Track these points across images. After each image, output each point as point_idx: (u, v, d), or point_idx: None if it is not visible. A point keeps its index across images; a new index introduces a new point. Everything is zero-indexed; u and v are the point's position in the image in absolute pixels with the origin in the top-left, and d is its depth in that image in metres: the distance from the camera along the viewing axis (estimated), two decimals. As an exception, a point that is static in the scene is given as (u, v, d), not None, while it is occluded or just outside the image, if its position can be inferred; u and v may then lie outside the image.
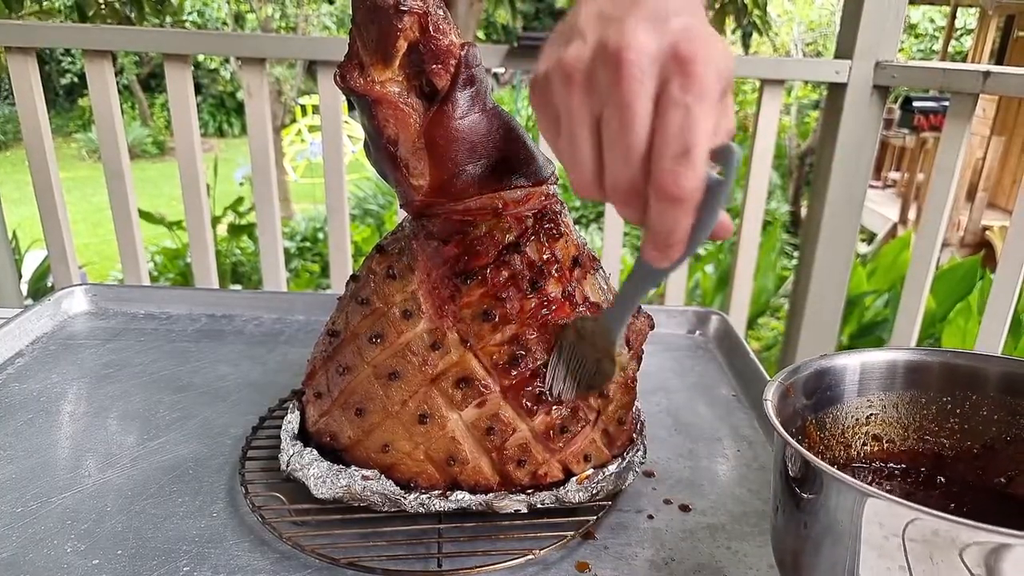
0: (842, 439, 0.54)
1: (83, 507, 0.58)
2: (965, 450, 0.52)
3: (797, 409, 0.50)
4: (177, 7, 3.38)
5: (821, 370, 0.52)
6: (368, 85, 0.54)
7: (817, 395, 0.52)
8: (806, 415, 0.51)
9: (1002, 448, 0.51)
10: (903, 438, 0.54)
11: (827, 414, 0.53)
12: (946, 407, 0.53)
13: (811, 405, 0.52)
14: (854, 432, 0.54)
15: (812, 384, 0.52)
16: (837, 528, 0.40)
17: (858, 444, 0.54)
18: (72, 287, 0.96)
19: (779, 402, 0.48)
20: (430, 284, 0.55)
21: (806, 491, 0.42)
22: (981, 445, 0.52)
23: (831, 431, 0.53)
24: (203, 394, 0.77)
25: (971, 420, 0.52)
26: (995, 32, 7.00)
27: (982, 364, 0.52)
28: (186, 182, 1.79)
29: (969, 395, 0.52)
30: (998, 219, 5.48)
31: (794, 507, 0.44)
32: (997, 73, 1.36)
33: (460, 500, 0.55)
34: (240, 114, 10.07)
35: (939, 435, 0.53)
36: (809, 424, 0.52)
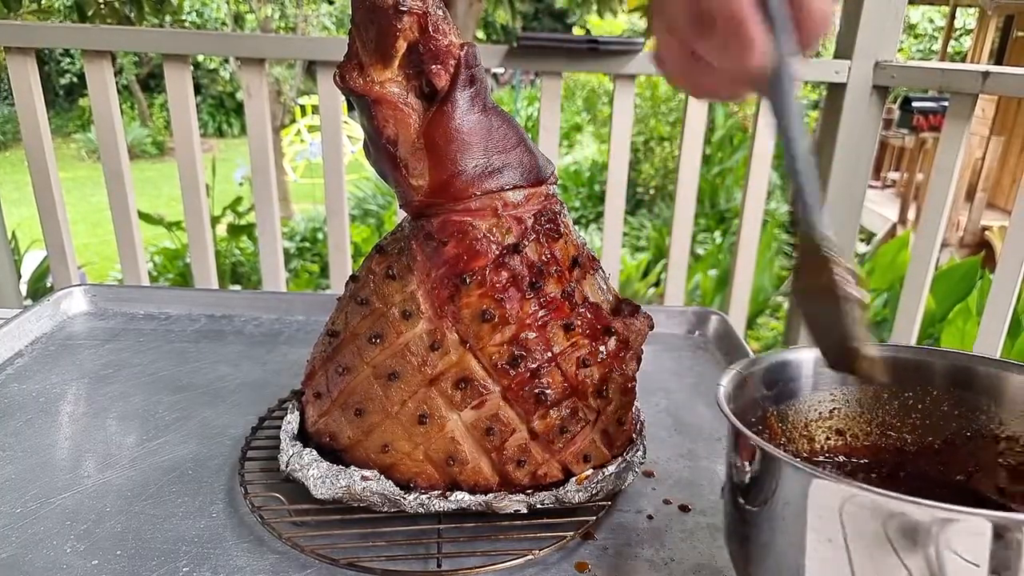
0: (805, 432, 0.54)
1: (82, 507, 0.58)
2: (927, 445, 0.52)
3: (756, 399, 0.50)
4: (176, 7, 3.38)
5: (783, 362, 0.52)
6: (367, 85, 0.54)
7: (778, 387, 0.52)
8: (767, 406, 0.51)
9: (962, 444, 0.51)
10: (866, 433, 0.54)
11: (789, 407, 0.53)
12: (907, 402, 0.53)
13: (772, 396, 0.52)
14: (817, 426, 0.54)
15: (772, 375, 0.52)
16: (784, 510, 0.40)
17: (821, 438, 0.54)
18: (71, 287, 0.96)
19: (735, 390, 0.48)
20: (430, 284, 0.55)
21: (754, 475, 0.43)
22: (942, 440, 0.52)
23: (793, 424, 0.53)
24: (202, 394, 0.77)
25: (931, 416, 0.52)
26: (994, 32, 7.00)
27: (930, 358, 0.52)
28: (185, 182, 1.79)
29: (929, 391, 0.52)
30: (997, 219, 5.48)
31: (743, 492, 0.44)
32: (996, 73, 1.37)
33: (460, 500, 0.55)
34: (239, 114, 10.08)
35: (901, 430, 0.53)
36: (770, 415, 0.52)
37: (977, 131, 5.51)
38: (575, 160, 6.72)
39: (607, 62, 1.69)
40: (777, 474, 0.41)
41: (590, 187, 5.96)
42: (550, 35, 1.72)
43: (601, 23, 7.96)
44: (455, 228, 0.55)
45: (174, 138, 1.76)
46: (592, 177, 6.06)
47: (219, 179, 4.27)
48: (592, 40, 1.67)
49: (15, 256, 2.53)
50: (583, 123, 7.67)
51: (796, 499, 0.40)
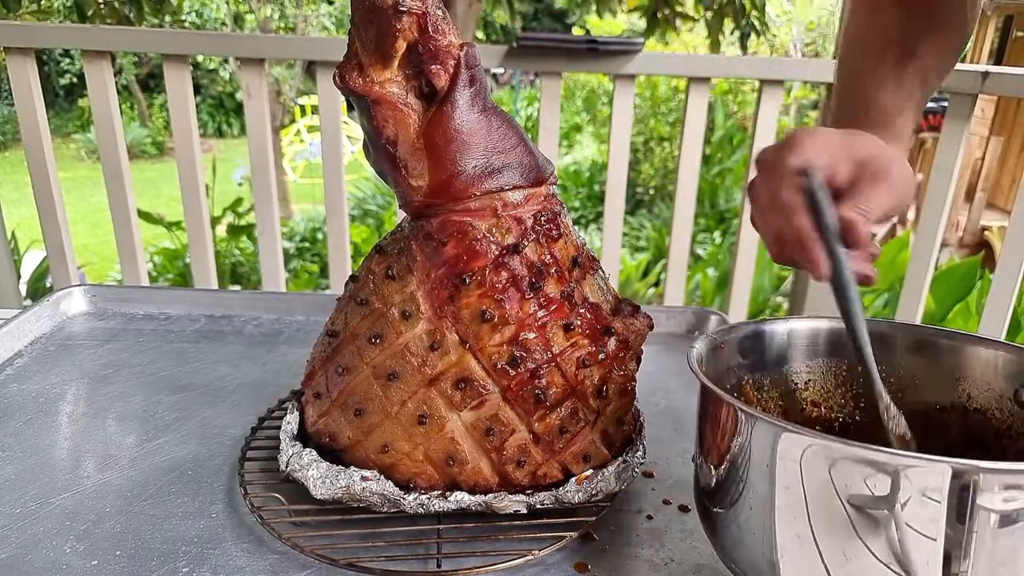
0: (780, 403, 0.54)
1: (82, 508, 0.58)
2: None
3: (732, 366, 0.51)
4: (176, 7, 3.38)
5: (758, 332, 0.53)
6: (367, 85, 0.54)
7: (755, 356, 0.53)
8: (742, 374, 0.52)
9: (934, 416, 0.52)
10: (841, 405, 0.55)
11: (765, 376, 0.54)
12: (880, 375, 0.52)
13: (748, 365, 0.52)
14: (793, 397, 0.54)
15: (749, 343, 0.52)
16: (751, 465, 0.41)
17: (796, 409, 0.55)
18: (71, 288, 0.96)
19: (710, 355, 0.49)
20: (429, 285, 0.55)
21: (723, 431, 0.43)
22: (914, 413, 0.52)
23: (769, 393, 0.54)
24: (202, 395, 0.77)
25: (905, 387, 0.53)
26: (993, 32, 7.00)
27: (892, 331, 0.53)
28: (185, 182, 1.79)
29: (901, 363, 0.53)
30: (997, 219, 5.48)
31: (713, 449, 0.45)
32: (996, 73, 1.37)
33: (459, 500, 0.55)
34: (239, 114, 10.07)
35: (875, 403, 0.53)
36: (746, 383, 0.53)
37: (976, 131, 5.51)
38: (575, 160, 6.72)
39: (607, 62, 1.69)
40: (747, 430, 0.41)
41: (590, 187, 5.96)
42: (549, 35, 1.73)
43: (600, 23, 7.96)
44: (455, 228, 0.55)
45: (174, 138, 1.76)
46: (592, 177, 6.05)
47: (219, 179, 4.26)
48: (591, 40, 1.67)
49: (15, 256, 2.53)
50: (583, 123, 7.67)
51: (765, 454, 0.40)
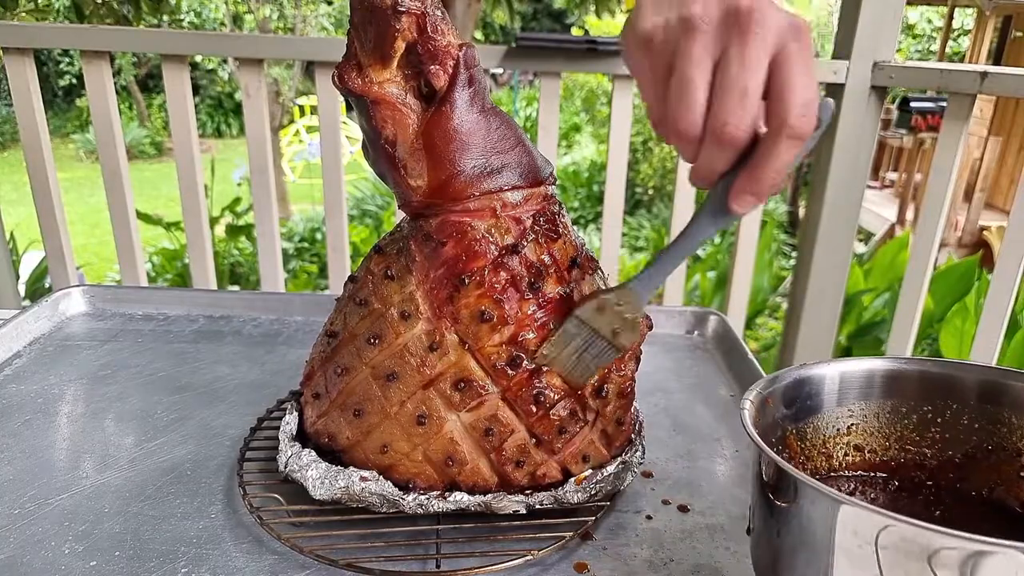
0: (823, 450, 0.53)
1: (81, 508, 0.58)
2: (946, 460, 0.52)
3: (777, 419, 0.50)
4: (174, 7, 3.38)
5: (800, 379, 0.51)
6: (366, 86, 0.54)
7: (797, 404, 0.51)
8: (786, 425, 0.51)
9: (983, 457, 0.51)
10: (884, 448, 0.53)
11: (807, 424, 0.52)
12: (927, 416, 0.52)
13: (791, 415, 0.51)
14: (835, 443, 0.53)
15: (792, 393, 0.51)
16: (812, 537, 0.40)
17: (839, 455, 0.53)
18: (70, 288, 0.96)
19: (758, 412, 0.47)
20: (428, 285, 0.55)
21: (781, 499, 0.42)
22: (962, 455, 0.51)
23: (812, 441, 0.52)
24: (201, 395, 0.77)
25: (952, 429, 0.51)
26: (992, 32, 7.01)
27: (959, 372, 0.51)
28: (184, 183, 1.78)
29: (949, 404, 0.51)
30: (996, 219, 5.48)
31: (770, 516, 0.44)
32: (994, 73, 1.37)
33: (459, 501, 0.55)
34: (238, 115, 10.07)
35: (920, 445, 0.52)
36: (790, 435, 0.51)
37: (975, 131, 5.51)
38: (574, 160, 6.72)
39: (606, 62, 1.69)
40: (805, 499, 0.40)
41: (589, 187, 5.96)
42: (548, 35, 1.72)
43: (599, 23, 7.97)
44: (454, 228, 0.55)
45: (172, 138, 1.76)
46: (591, 177, 6.06)
47: (218, 179, 4.26)
48: (590, 40, 1.67)
49: (13, 257, 2.53)
50: (582, 123, 7.68)
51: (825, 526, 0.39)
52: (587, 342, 0.54)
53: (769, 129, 0.43)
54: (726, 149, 0.44)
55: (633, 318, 0.53)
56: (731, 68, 0.42)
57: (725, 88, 0.43)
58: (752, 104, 0.43)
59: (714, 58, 0.43)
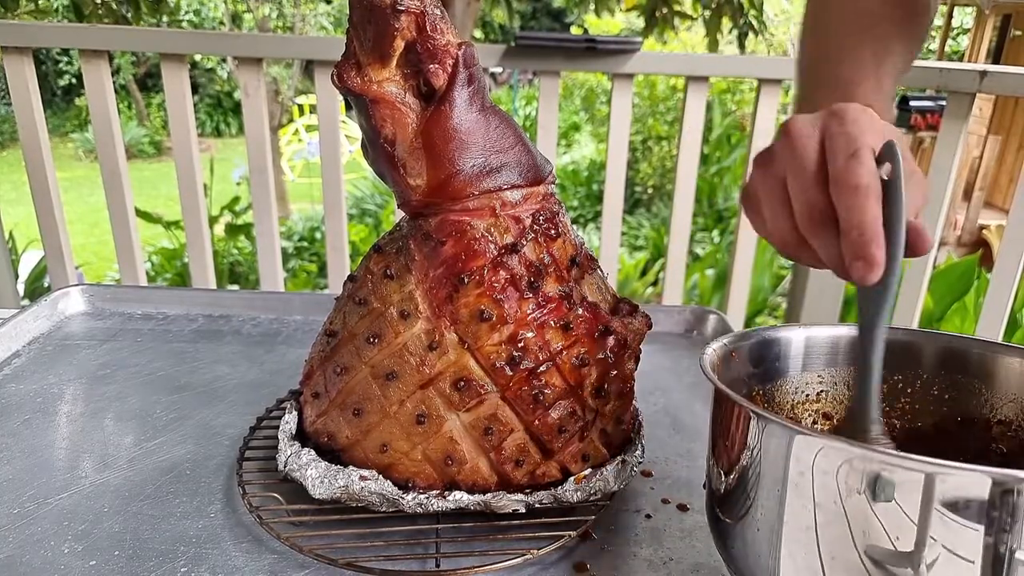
0: (791, 414, 0.52)
1: (80, 508, 0.58)
2: (916, 431, 0.51)
3: (742, 376, 0.49)
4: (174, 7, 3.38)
5: (768, 339, 0.50)
6: (365, 85, 0.54)
7: (764, 365, 0.50)
8: (752, 384, 0.50)
9: (954, 429, 0.50)
10: None
11: (775, 386, 0.51)
12: (896, 386, 0.51)
13: (758, 375, 0.50)
14: (804, 408, 0.52)
15: (758, 352, 0.50)
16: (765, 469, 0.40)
17: (808, 421, 0.52)
18: (69, 287, 0.96)
19: (721, 363, 0.47)
20: (428, 284, 0.55)
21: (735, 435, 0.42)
22: (932, 425, 0.50)
23: (779, 404, 0.52)
24: (200, 394, 0.76)
25: (921, 400, 0.50)
26: (992, 31, 7.01)
27: (927, 341, 0.50)
28: (183, 182, 1.78)
29: (919, 373, 0.50)
30: (995, 218, 5.48)
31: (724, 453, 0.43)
32: (994, 72, 1.37)
33: (458, 500, 0.55)
34: (237, 114, 10.05)
35: (890, 415, 0.51)
36: (756, 394, 0.50)
37: (974, 130, 5.51)
38: (573, 159, 6.72)
39: (605, 61, 1.69)
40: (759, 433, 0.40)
41: (588, 186, 5.96)
42: (548, 34, 1.72)
43: (599, 22, 7.96)
44: (453, 227, 0.55)
45: (172, 138, 1.76)
46: (590, 176, 6.06)
47: (217, 179, 4.26)
48: (590, 39, 1.67)
49: (12, 256, 2.53)
50: (581, 122, 7.67)
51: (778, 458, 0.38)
52: None
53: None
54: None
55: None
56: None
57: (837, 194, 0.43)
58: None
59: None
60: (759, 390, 0.51)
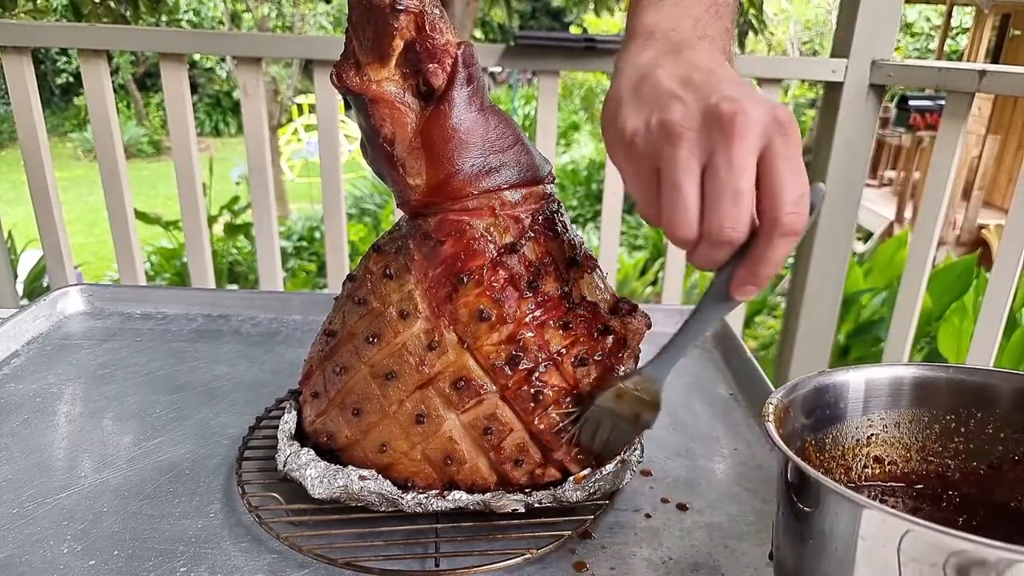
0: (842, 461, 0.51)
1: (79, 508, 0.58)
2: (971, 471, 0.50)
3: (796, 429, 0.48)
4: (172, 6, 3.37)
5: (820, 387, 0.50)
6: (364, 84, 0.54)
7: (816, 414, 0.50)
8: (805, 435, 0.49)
9: (1009, 468, 0.49)
10: (905, 459, 0.51)
11: (827, 434, 0.50)
12: (950, 426, 0.50)
13: (810, 425, 0.49)
14: (855, 453, 0.51)
15: (811, 402, 0.49)
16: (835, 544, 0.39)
17: (859, 466, 0.52)
18: (68, 287, 0.96)
19: (780, 421, 0.46)
20: (427, 284, 0.55)
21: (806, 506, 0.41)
22: (987, 465, 0.49)
23: (831, 452, 0.51)
24: (200, 394, 0.76)
25: (976, 439, 0.49)
26: (991, 31, 7.02)
27: (989, 380, 0.49)
28: (182, 182, 1.78)
29: (974, 412, 0.49)
30: (994, 218, 5.49)
31: (795, 523, 0.43)
32: (993, 72, 1.37)
33: (457, 500, 0.55)
34: (236, 113, 10.05)
35: (943, 456, 0.50)
36: (808, 445, 0.49)
37: (974, 130, 5.52)
38: (572, 159, 6.72)
39: (604, 61, 1.69)
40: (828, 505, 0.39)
41: (587, 186, 5.96)
42: (547, 34, 1.72)
43: (598, 22, 7.96)
44: (452, 227, 0.55)
45: (170, 137, 1.75)
46: (589, 176, 6.06)
47: (216, 178, 4.26)
48: (589, 39, 1.67)
49: (12, 256, 2.52)
50: (580, 122, 7.68)
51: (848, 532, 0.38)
52: (611, 427, 0.55)
53: (762, 227, 0.44)
54: (724, 248, 0.45)
55: (652, 400, 0.55)
56: (720, 174, 0.43)
57: (717, 193, 0.43)
58: (745, 204, 0.43)
59: (701, 163, 0.43)
60: (811, 440, 0.50)
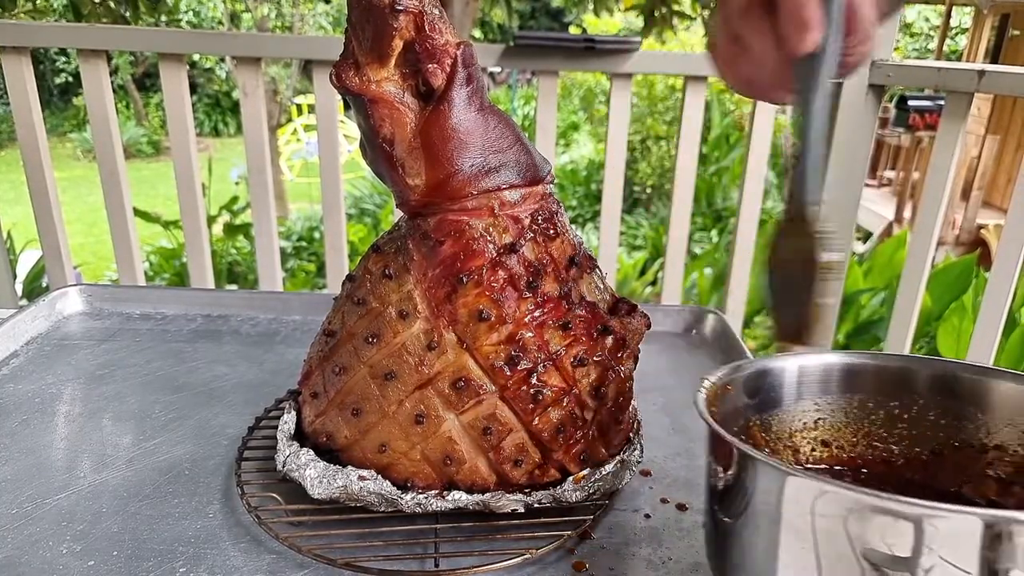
0: (789, 443, 0.52)
1: (79, 508, 0.58)
2: (914, 457, 0.51)
3: (739, 407, 0.49)
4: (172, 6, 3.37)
5: (764, 370, 0.51)
6: (364, 84, 0.54)
7: (761, 395, 0.50)
8: (749, 415, 0.50)
9: (950, 454, 0.50)
10: (852, 444, 0.52)
11: (772, 416, 0.51)
12: (894, 412, 0.51)
13: (754, 405, 0.50)
14: (802, 437, 0.52)
15: (754, 383, 0.50)
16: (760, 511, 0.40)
17: (807, 449, 0.53)
18: (67, 287, 0.96)
19: (716, 397, 0.47)
20: (426, 284, 0.55)
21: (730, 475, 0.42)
22: (930, 451, 0.51)
23: (777, 434, 0.52)
24: (199, 394, 0.76)
25: (919, 426, 0.51)
26: (990, 31, 7.02)
27: (916, 366, 0.51)
28: (181, 182, 1.78)
29: (916, 399, 0.51)
30: (993, 217, 5.49)
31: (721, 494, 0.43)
32: (992, 72, 1.37)
33: (457, 500, 0.55)
34: (235, 113, 10.04)
35: (888, 441, 0.52)
36: (753, 425, 0.50)
37: (973, 130, 5.52)
38: (572, 159, 6.73)
39: (604, 61, 1.69)
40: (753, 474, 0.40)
41: (587, 186, 5.96)
42: (547, 34, 1.72)
43: (597, 22, 7.96)
44: (452, 227, 0.55)
45: (170, 137, 1.76)
46: (589, 176, 6.06)
47: (215, 178, 4.26)
48: (589, 39, 1.67)
49: (11, 256, 2.52)
50: (580, 122, 7.68)
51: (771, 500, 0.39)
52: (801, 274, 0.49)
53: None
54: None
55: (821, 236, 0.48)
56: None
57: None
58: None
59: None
60: (756, 420, 0.51)
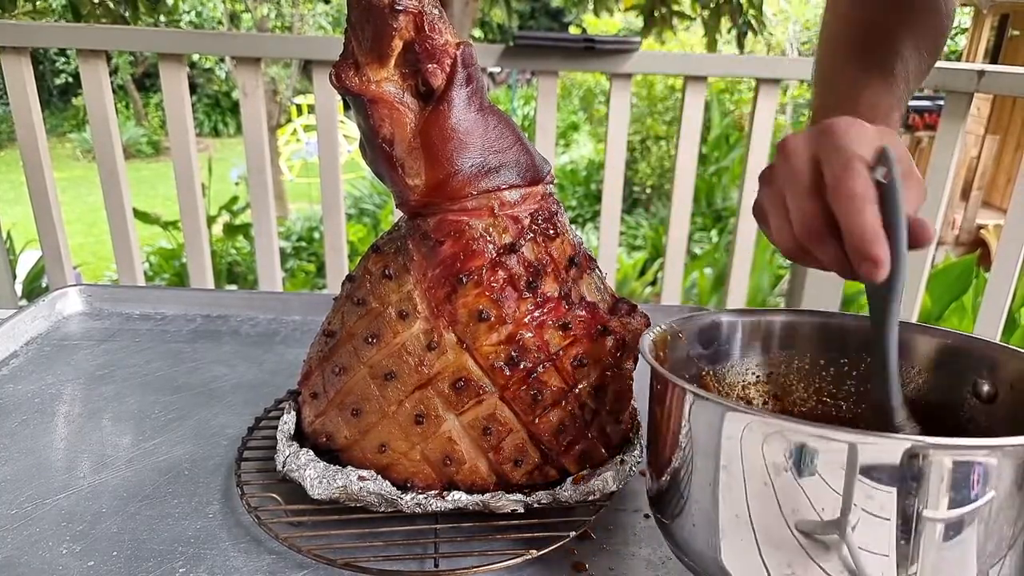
0: (742, 394, 0.54)
1: (78, 508, 0.58)
2: (861, 413, 0.52)
3: (691, 356, 0.51)
4: (172, 7, 3.37)
5: (718, 322, 0.52)
6: (364, 85, 0.54)
7: (715, 347, 0.52)
8: (702, 365, 0.52)
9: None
10: (803, 399, 0.54)
11: (725, 367, 0.53)
12: (843, 369, 0.53)
13: (708, 355, 0.52)
14: (755, 389, 0.54)
15: (708, 334, 0.52)
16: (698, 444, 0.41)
17: (759, 402, 0.54)
18: (67, 288, 0.96)
19: (666, 343, 0.48)
20: (426, 284, 0.55)
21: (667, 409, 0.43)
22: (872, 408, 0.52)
23: (730, 384, 0.53)
24: (199, 395, 0.76)
25: (866, 383, 0.52)
26: (990, 31, 7.02)
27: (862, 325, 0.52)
28: (181, 182, 1.78)
29: (864, 357, 0.52)
30: (993, 218, 5.49)
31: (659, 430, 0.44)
32: (992, 72, 1.37)
33: (457, 500, 0.55)
34: (235, 114, 10.04)
35: (837, 397, 0.53)
36: (706, 374, 0.52)
37: (972, 130, 5.52)
38: (572, 159, 6.72)
39: (603, 61, 1.69)
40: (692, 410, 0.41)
41: (587, 186, 5.96)
42: (546, 34, 1.72)
43: (597, 22, 7.97)
44: (451, 227, 0.55)
45: (169, 138, 1.76)
46: (589, 176, 6.06)
47: (215, 179, 4.26)
48: (588, 39, 1.67)
49: (11, 256, 2.52)
50: (580, 122, 7.68)
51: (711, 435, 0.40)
52: None
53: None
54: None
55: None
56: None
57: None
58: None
59: None
60: (709, 371, 0.52)
